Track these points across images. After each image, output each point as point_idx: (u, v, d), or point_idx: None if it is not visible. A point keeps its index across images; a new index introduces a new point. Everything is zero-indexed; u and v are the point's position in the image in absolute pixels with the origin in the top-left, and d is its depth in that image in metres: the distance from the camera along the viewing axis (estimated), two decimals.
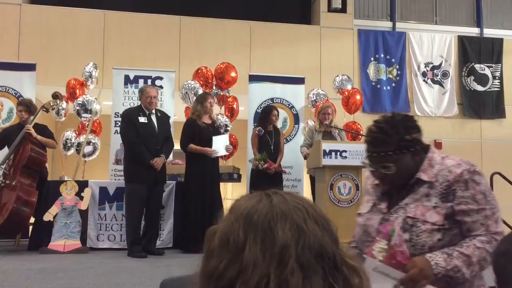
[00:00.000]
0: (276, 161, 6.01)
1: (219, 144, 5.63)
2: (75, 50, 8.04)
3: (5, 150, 5.55)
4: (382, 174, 1.70)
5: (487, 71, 9.66)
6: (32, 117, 5.55)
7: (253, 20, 8.91)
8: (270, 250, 0.71)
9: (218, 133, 5.85)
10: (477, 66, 9.63)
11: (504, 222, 6.08)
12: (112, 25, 8.44)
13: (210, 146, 5.50)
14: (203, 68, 7.05)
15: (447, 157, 1.76)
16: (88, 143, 6.55)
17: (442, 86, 9.47)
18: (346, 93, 7.45)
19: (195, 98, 6.21)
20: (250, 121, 6.94)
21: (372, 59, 9.31)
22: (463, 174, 1.66)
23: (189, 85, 6.82)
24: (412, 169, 1.71)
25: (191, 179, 5.45)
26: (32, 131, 5.39)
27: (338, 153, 5.33)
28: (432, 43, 9.56)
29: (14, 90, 6.65)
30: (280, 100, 7.15)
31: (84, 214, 5.45)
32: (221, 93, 7.00)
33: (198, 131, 5.48)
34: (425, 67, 9.47)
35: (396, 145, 1.67)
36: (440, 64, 9.51)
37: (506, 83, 9.64)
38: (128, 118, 5.29)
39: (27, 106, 5.61)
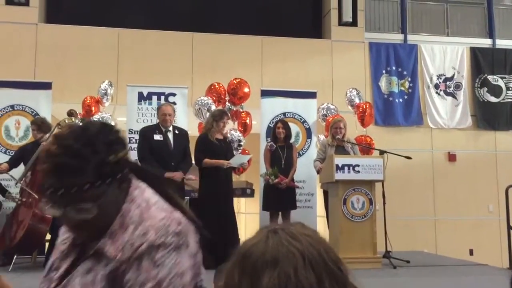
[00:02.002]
0: (288, 176, 6.02)
1: (237, 160, 5.69)
2: (90, 68, 8.18)
3: (21, 167, 5.65)
4: (75, 220, 1.10)
5: (501, 82, 9.60)
6: (47, 135, 5.65)
7: (264, 35, 9.00)
8: None
9: (230, 148, 5.88)
10: (490, 77, 9.58)
11: None
12: (126, 42, 8.58)
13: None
14: (216, 84, 7.13)
15: (154, 205, 1.16)
16: None
17: (455, 97, 9.43)
18: (361, 108, 7.45)
19: (209, 113, 6.26)
20: (263, 136, 6.98)
21: (384, 71, 9.32)
22: (141, 248, 1.08)
23: (202, 101, 6.89)
24: (115, 210, 1.14)
25: (205, 195, 5.49)
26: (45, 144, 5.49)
27: (351, 167, 5.33)
28: (444, 55, 9.54)
29: (31, 108, 6.77)
30: (292, 115, 7.18)
31: None
32: (234, 109, 7.06)
33: (212, 147, 5.53)
34: (438, 79, 9.45)
35: (95, 173, 1.09)
36: (453, 76, 9.48)
37: None
38: (143, 136, 5.41)
39: (38, 126, 5.71)
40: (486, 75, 9.58)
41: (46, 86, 6.89)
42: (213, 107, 6.82)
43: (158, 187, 1.22)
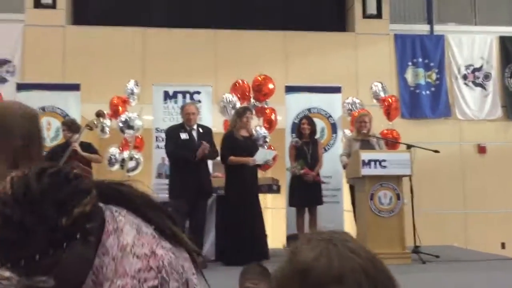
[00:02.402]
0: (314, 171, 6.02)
1: (261, 156, 5.72)
2: (116, 68, 8.30)
3: None
4: None
5: None
6: (77, 135, 5.77)
7: (287, 30, 8.97)
8: None
9: (255, 145, 5.92)
10: None
11: None
12: (150, 41, 8.69)
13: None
14: (240, 81, 7.15)
15: (131, 252, 0.98)
16: (131, 158, 6.75)
17: (484, 88, 9.22)
18: (386, 102, 7.37)
19: (234, 111, 6.31)
20: (288, 131, 6.98)
21: (410, 63, 9.18)
22: None
23: (227, 98, 6.93)
24: (84, 270, 0.97)
25: (231, 192, 5.54)
26: (78, 148, 5.62)
27: (378, 162, 5.29)
28: (472, 45, 9.33)
29: (60, 109, 6.95)
30: (317, 110, 7.16)
31: None
32: (259, 105, 7.08)
33: (237, 144, 5.57)
34: (466, 69, 9.25)
35: (45, 242, 0.90)
36: (481, 66, 9.27)
37: None
38: (170, 135, 5.52)
39: (68, 126, 5.84)
40: None
41: (75, 87, 7.05)
42: (238, 104, 6.85)
43: (143, 211, 1.05)
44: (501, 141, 9.04)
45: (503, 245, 8.45)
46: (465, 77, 9.23)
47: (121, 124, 6.92)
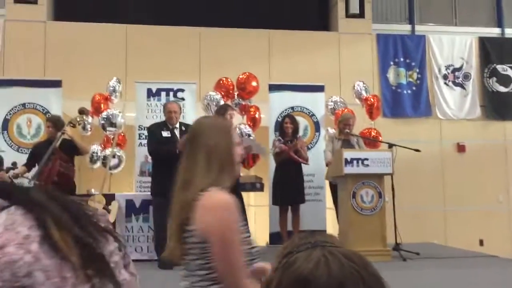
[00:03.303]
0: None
1: (257, 146, 5.78)
2: (98, 65, 8.23)
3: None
4: None
5: (510, 72, 9.53)
6: (59, 133, 5.72)
7: (271, 28, 8.99)
8: None
9: None
10: (499, 67, 9.51)
11: None
12: (133, 38, 8.62)
13: None
14: (224, 79, 7.16)
15: None
16: (113, 156, 6.71)
17: (464, 88, 9.38)
18: (369, 101, 7.45)
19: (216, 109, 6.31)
20: (271, 129, 7.02)
21: (392, 63, 9.29)
22: None
23: (211, 96, 6.93)
24: None
25: None
26: (68, 130, 5.60)
27: (360, 161, 5.36)
28: (452, 45, 9.48)
29: (42, 106, 6.86)
30: (301, 109, 7.21)
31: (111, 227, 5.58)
32: (243, 103, 7.10)
33: None
34: (446, 69, 9.40)
35: None
36: (461, 66, 9.43)
37: None
38: (152, 133, 5.49)
39: (54, 123, 5.79)
40: (495, 65, 9.51)
41: (56, 84, 6.97)
42: (222, 102, 6.86)
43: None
44: (480, 140, 9.22)
45: (481, 242, 8.62)
46: (445, 77, 9.38)
47: (102, 121, 6.86)
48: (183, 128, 5.54)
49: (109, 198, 5.70)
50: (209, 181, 1.57)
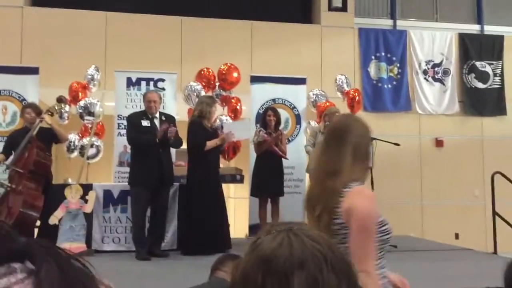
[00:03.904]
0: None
1: (240, 131, 5.76)
2: (77, 52, 8.07)
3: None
4: None
5: (488, 68, 9.67)
6: (37, 121, 5.61)
7: (254, 20, 8.93)
8: None
9: (217, 135, 5.82)
10: (478, 63, 9.64)
11: (504, 220, 6.13)
12: (114, 26, 8.48)
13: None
14: (205, 69, 7.09)
15: None
16: (91, 145, 6.60)
17: (443, 84, 9.49)
18: (351, 95, 7.46)
19: (199, 99, 6.22)
20: (252, 121, 6.98)
21: (373, 57, 9.33)
22: None
23: (192, 86, 6.86)
24: None
25: (196, 181, 5.47)
26: (46, 117, 5.48)
27: None
28: (433, 41, 9.57)
29: (18, 93, 6.70)
30: (282, 101, 7.19)
31: (88, 217, 5.51)
32: (224, 94, 7.04)
33: (207, 133, 5.54)
34: (426, 65, 9.49)
35: None
36: (441, 62, 9.53)
37: (507, 80, 9.65)
38: (131, 122, 5.41)
39: (34, 108, 5.68)
40: (474, 61, 9.64)
41: (33, 71, 6.81)
42: (203, 93, 6.80)
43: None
44: (458, 135, 9.35)
45: (456, 236, 8.77)
46: (425, 72, 9.47)
47: (80, 110, 6.74)
48: (163, 118, 5.47)
49: (87, 188, 5.61)
50: (355, 175, 1.76)
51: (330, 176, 1.75)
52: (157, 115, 5.45)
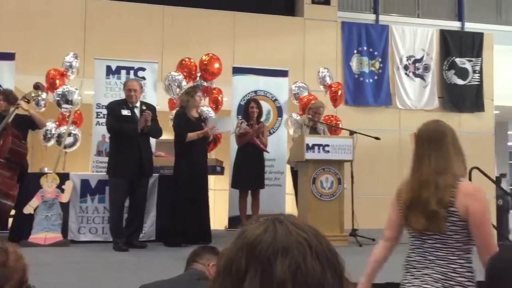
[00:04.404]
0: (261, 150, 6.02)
1: (222, 124, 5.72)
2: (55, 39, 7.88)
3: None
4: None
5: (468, 65, 9.79)
6: (12, 108, 5.47)
7: (237, 10, 8.85)
8: (268, 284, 0.72)
9: (201, 127, 5.76)
10: (457, 60, 9.74)
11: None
12: (94, 13, 8.30)
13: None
14: (187, 59, 7.00)
15: None
16: (69, 134, 6.47)
17: (424, 79, 9.57)
18: (333, 88, 7.46)
19: (180, 90, 6.16)
20: (234, 113, 6.94)
21: (355, 51, 9.35)
22: None
23: (173, 76, 6.77)
24: None
25: (181, 172, 5.38)
26: (22, 104, 5.37)
27: (321, 147, 5.37)
28: (414, 37, 9.63)
29: None
30: (264, 93, 7.15)
31: (65, 206, 5.40)
32: (206, 85, 6.97)
33: (191, 124, 5.46)
34: (407, 60, 9.55)
35: None
36: (422, 58, 9.60)
37: (485, 77, 9.78)
38: (111, 110, 5.31)
39: (6, 96, 5.55)
40: (454, 57, 9.74)
41: (9, 56, 6.64)
42: (184, 83, 6.72)
43: None
44: None
45: None
46: (406, 67, 9.53)
47: (58, 98, 6.59)
48: (144, 108, 5.37)
49: (63, 177, 5.49)
50: (462, 171, 2.09)
51: (441, 175, 2.05)
52: (138, 104, 5.35)
